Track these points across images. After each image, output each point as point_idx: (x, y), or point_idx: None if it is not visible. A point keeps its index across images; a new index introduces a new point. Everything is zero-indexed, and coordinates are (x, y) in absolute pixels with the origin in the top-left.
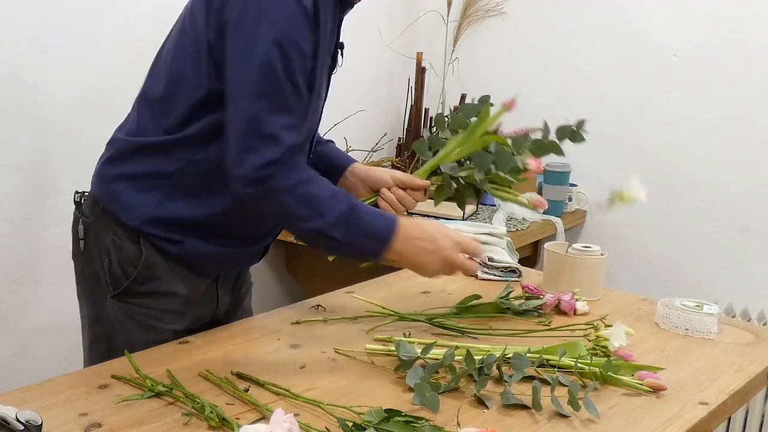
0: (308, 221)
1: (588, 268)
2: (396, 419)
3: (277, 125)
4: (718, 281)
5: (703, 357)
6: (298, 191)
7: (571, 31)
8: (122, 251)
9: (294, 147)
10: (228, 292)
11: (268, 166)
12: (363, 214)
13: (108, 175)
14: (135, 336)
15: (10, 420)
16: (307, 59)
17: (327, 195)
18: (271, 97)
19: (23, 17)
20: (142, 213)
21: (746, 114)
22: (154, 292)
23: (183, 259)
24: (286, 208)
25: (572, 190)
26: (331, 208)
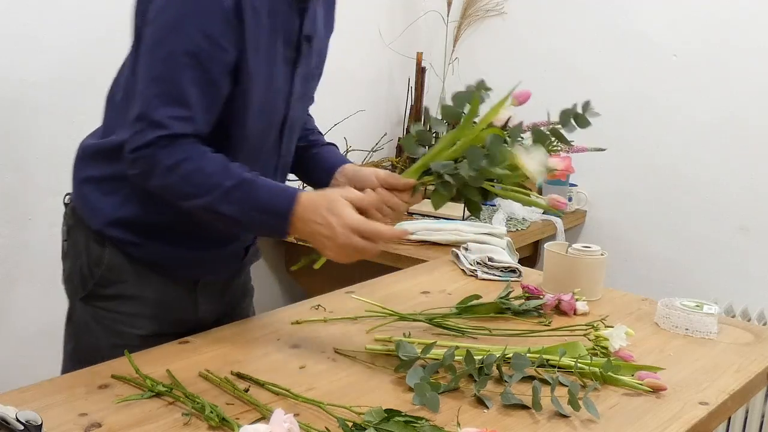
0: (195, 198)
1: (588, 268)
2: (396, 419)
3: (165, 114)
4: (718, 281)
5: (703, 357)
6: (181, 169)
7: (571, 31)
8: (91, 253)
9: (181, 135)
10: (213, 299)
11: (148, 146)
12: (258, 189)
13: (77, 177)
14: (100, 339)
15: (10, 420)
16: (223, 52)
17: (213, 171)
18: (167, 88)
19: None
20: (104, 215)
21: (746, 114)
22: (120, 295)
23: (148, 263)
24: (172, 187)
25: (572, 190)
26: (218, 184)
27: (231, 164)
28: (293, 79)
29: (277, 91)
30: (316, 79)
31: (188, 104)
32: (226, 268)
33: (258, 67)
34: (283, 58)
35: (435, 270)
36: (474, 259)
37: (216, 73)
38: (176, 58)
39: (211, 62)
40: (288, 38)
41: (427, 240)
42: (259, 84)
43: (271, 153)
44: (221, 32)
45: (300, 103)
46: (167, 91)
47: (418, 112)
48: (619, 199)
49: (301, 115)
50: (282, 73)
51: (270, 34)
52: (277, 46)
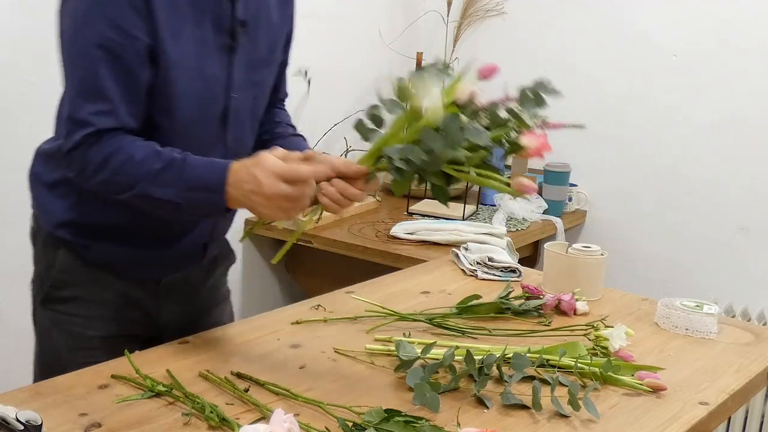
0: (130, 189)
1: (588, 268)
2: (396, 419)
3: (87, 111)
4: (718, 281)
5: (703, 357)
6: (112, 163)
7: (571, 31)
8: (47, 256)
9: (103, 130)
10: (177, 301)
11: (78, 146)
12: (188, 167)
13: (32, 181)
14: (59, 342)
15: (10, 420)
16: (135, 40)
17: (143, 158)
18: (86, 84)
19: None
20: (54, 217)
21: (746, 114)
22: (76, 297)
23: (102, 264)
24: (107, 182)
25: (572, 190)
26: (148, 170)
27: (161, 148)
28: (231, 66)
29: (211, 80)
30: (268, 68)
31: (108, 98)
32: (185, 266)
33: (180, 55)
34: (216, 44)
35: (435, 270)
36: (474, 259)
37: (131, 63)
38: (89, 53)
39: (124, 52)
40: (219, 24)
41: (427, 240)
42: (184, 72)
43: (215, 145)
44: (130, 21)
45: (246, 92)
46: (86, 87)
47: None
48: (619, 199)
49: (255, 106)
50: (216, 60)
51: (194, 19)
52: (205, 31)
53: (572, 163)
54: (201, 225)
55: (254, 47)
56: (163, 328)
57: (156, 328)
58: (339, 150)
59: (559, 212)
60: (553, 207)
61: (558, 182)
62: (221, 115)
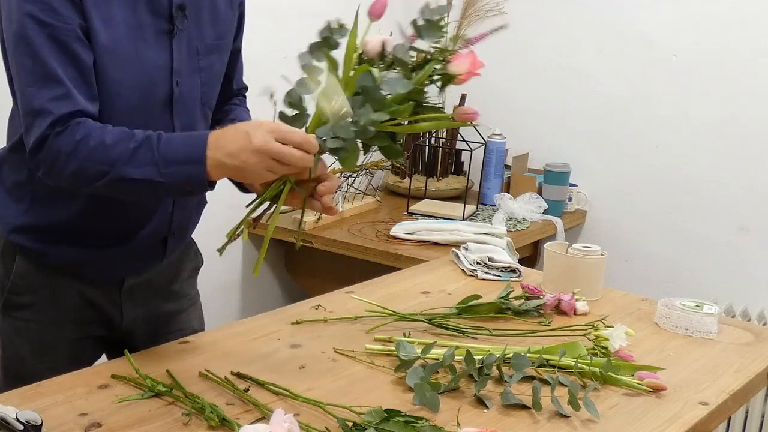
0: (106, 175)
1: (588, 268)
2: (396, 419)
3: (44, 99)
4: (718, 281)
5: (703, 357)
6: (81, 151)
7: (571, 31)
8: (4, 261)
9: (65, 116)
10: (140, 303)
11: (44, 139)
12: (164, 142)
13: None
14: (22, 349)
15: (10, 420)
16: (70, 20)
17: (114, 140)
18: (32, 71)
19: None
20: (9, 222)
21: (746, 114)
22: (35, 303)
23: (59, 267)
24: (79, 173)
25: (572, 190)
26: (122, 151)
27: (131, 130)
28: (172, 51)
29: (149, 65)
30: (216, 53)
31: (60, 81)
32: (145, 264)
33: (111, 40)
34: (154, 29)
35: (435, 270)
36: (474, 259)
37: (72, 45)
38: (29, 39)
39: (63, 35)
40: (156, 8)
41: (427, 240)
42: (118, 57)
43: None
44: (61, 3)
45: (192, 79)
46: (35, 74)
47: None
48: (619, 199)
49: (204, 93)
50: (154, 45)
51: (127, 3)
52: (140, 16)
53: (572, 163)
54: (156, 218)
55: (198, 32)
56: (128, 331)
57: (120, 332)
58: None
59: (559, 212)
60: (553, 207)
61: (558, 182)
62: (166, 102)
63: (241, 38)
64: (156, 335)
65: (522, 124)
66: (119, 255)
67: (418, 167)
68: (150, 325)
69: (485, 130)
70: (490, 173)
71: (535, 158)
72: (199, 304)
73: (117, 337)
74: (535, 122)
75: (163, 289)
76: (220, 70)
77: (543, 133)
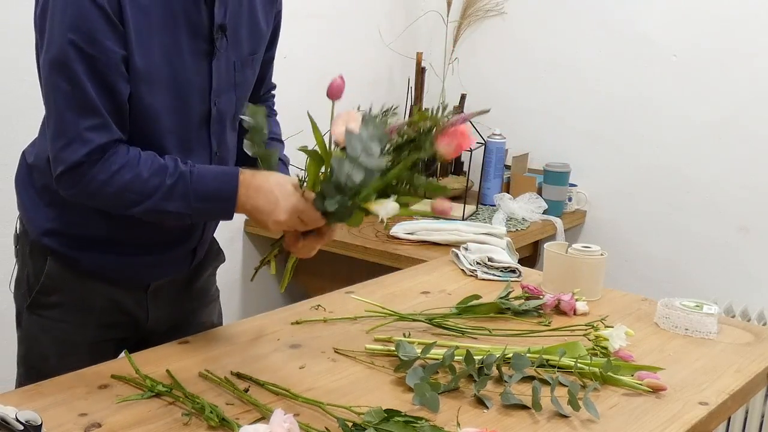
0: (140, 204)
1: (588, 268)
2: (396, 419)
3: (81, 127)
4: (718, 281)
5: (703, 357)
6: (118, 180)
7: (571, 31)
8: (34, 262)
9: (102, 146)
10: (165, 304)
11: (76, 167)
12: (198, 179)
13: (19, 184)
14: (47, 348)
15: (10, 420)
16: (112, 53)
17: (151, 173)
18: (71, 97)
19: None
20: (41, 225)
21: (746, 114)
22: (64, 303)
23: (90, 271)
24: (113, 200)
25: (572, 190)
26: (158, 185)
27: (165, 161)
28: (211, 72)
29: (187, 88)
30: (251, 67)
31: (98, 112)
32: (174, 270)
33: (152, 66)
34: (193, 51)
35: (435, 270)
36: (474, 259)
37: (112, 75)
38: (71, 68)
39: (104, 66)
40: (196, 31)
41: (427, 240)
42: (157, 83)
43: (198, 150)
44: (105, 33)
45: (228, 96)
46: (75, 102)
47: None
48: (619, 199)
49: (238, 107)
50: (192, 67)
51: (166, 28)
52: (181, 40)
53: (572, 163)
54: (189, 229)
55: (236, 49)
56: (151, 331)
57: (144, 331)
58: None
59: (559, 212)
60: (553, 207)
61: (558, 182)
62: (203, 122)
63: (275, 47)
64: (178, 333)
65: (522, 124)
66: (151, 263)
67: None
68: (173, 323)
69: (485, 130)
70: (489, 173)
71: (535, 158)
72: (218, 299)
73: (139, 337)
74: (535, 122)
75: (187, 288)
76: (252, 81)
77: (543, 133)
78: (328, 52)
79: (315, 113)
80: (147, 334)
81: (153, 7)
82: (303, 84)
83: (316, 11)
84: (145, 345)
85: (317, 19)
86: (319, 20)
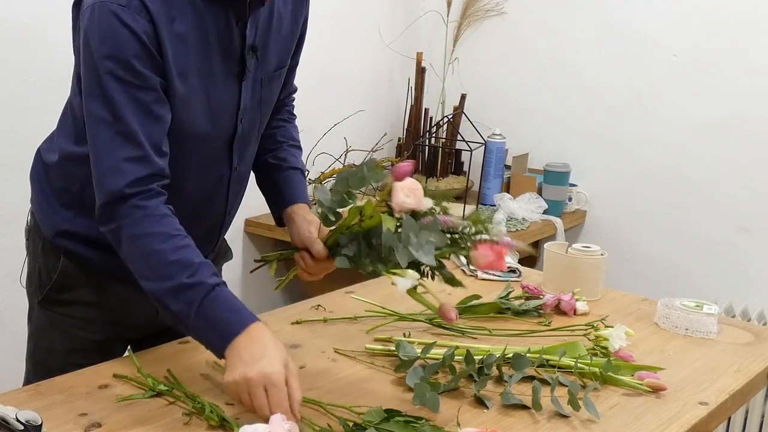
0: (146, 279)
1: (588, 268)
2: (396, 419)
3: (119, 158)
4: (718, 281)
5: (703, 357)
6: (142, 245)
7: (571, 31)
8: (47, 259)
9: (141, 179)
10: None
11: (112, 202)
12: (210, 301)
13: (35, 182)
14: (56, 343)
15: (10, 420)
16: (150, 82)
17: (174, 259)
18: (112, 127)
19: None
20: (54, 225)
21: (746, 114)
22: (77, 301)
23: (103, 271)
24: (131, 257)
25: (572, 190)
26: (172, 275)
27: (194, 258)
28: (240, 92)
29: (219, 110)
30: (277, 81)
31: (139, 142)
32: None
33: (188, 90)
34: (225, 73)
35: None
36: None
37: (151, 104)
38: (110, 97)
39: (144, 94)
40: (229, 54)
41: None
42: (191, 107)
43: (221, 168)
44: (142, 61)
45: (253, 113)
46: (114, 130)
47: (418, 113)
48: (619, 199)
49: (262, 123)
50: (224, 89)
51: (201, 53)
52: (213, 63)
53: (572, 163)
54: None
55: (264, 66)
56: (161, 328)
57: (153, 329)
58: (338, 149)
59: (559, 212)
60: (553, 207)
61: (558, 182)
62: (229, 140)
63: (300, 54)
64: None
65: (522, 124)
66: None
67: (418, 167)
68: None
69: (485, 130)
70: (490, 173)
71: (535, 158)
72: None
73: (146, 334)
74: (535, 122)
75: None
76: (277, 93)
77: (543, 133)
78: (328, 52)
79: (314, 113)
80: (156, 330)
81: (189, 35)
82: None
83: (316, 11)
84: (150, 343)
85: (317, 19)
86: (319, 20)
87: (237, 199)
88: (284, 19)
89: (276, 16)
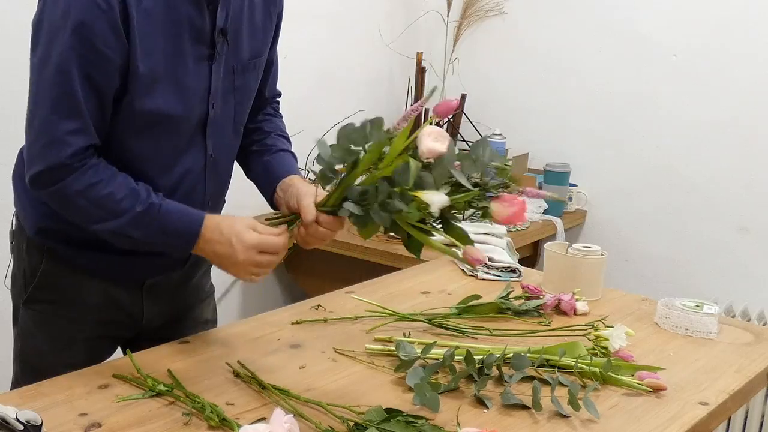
0: (104, 222)
1: (588, 268)
2: (396, 419)
3: (64, 130)
4: (718, 281)
5: (703, 357)
6: (91, 194)
7: (571, 31)
8: (30, 258)
9: (83, 149)
10: (161, 301)
11: (54, 169)
12: (165, 214)
13: (16, 181)
14: (43, 344)
15: (10, 420)
16: (111, 62)
17: (123, 196)
18: (60, 102)
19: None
20: (35, 222)
21: (746, 114)
22: (60, 300)
23: (86, 269)
24: (82, 210)
25: (572, 190)
26: (128, 209)
27: (139, 187)
28: (210, 76)
29: (188, 92)
30: (252, 72)
31: (82, 115)
32: (169, 270)
33: (153, 71)
34: (194, 55)
35: (435, 270)
36: None
37: (104, 82)
38: (66, 71)
39: (99, 73)
40: (199, 36)
41: None
42: (158, 88)
43: (194, 154)
44: (108, 43)
45: (227, 99)
46: (62, 104)
47: None
48: (619, 199)
49: (237, 112)
50: (193, 72)
51: (170, 33)
52: (182, 44)
53: (572, 163)
54: None
55: (235, 52)
56: (146, 327)
57: (139, 328)
58: None
59: (559, 212)
60: (553, 207)
61: (558, 182)
62: (200, 125)
63: (276, 48)
64: (171, 328)
65: (522, 124)
66: (145, 262)
67: None
68: (167, 318)
69: (485, 130)
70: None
71: (535, 158)
72: (213, 295)
73: (133, 334)
74: (535, 122)
75: (182, 285)
76: (254, 87)
77: (543, 133)
78: (328, 52)
79: (314, 113)
80: (142, 331)
81: (158, 13)
82: (303, 84)
83: (316, 11)
84: (140, 341)
85: (317, 19)
86: (319, 20)
87: (217, 190)
88: (256, 7)
89: (247, 4)
